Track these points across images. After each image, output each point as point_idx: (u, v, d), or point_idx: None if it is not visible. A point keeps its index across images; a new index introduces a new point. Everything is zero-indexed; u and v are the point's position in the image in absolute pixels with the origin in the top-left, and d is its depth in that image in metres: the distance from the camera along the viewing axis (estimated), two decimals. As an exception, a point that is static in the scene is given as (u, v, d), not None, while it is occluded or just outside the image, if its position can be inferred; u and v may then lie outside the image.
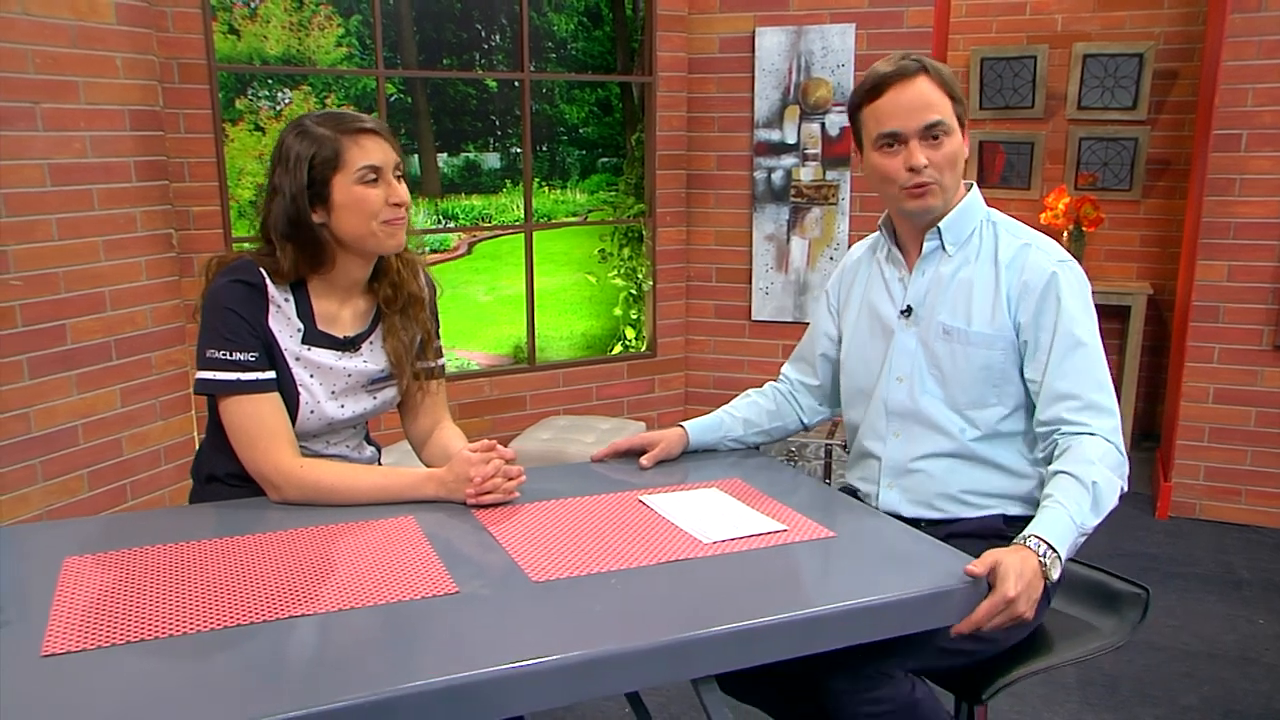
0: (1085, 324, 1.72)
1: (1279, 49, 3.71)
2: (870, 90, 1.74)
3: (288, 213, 1.77)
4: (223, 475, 1.87)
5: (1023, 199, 5.21)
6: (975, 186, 1.84)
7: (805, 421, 2.16)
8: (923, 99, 1.70)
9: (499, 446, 1.76)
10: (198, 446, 1.99)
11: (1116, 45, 4.93)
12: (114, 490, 3.36)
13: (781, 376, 2.20)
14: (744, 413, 2.12)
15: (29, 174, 3.01)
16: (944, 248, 1.81)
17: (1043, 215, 4.97)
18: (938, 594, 1.43)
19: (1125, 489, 1.64)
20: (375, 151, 1.78)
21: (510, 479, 1.75)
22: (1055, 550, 1.49)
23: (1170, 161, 4.97)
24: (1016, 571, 1.43)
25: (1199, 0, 4.75)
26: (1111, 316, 5.09)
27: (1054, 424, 1.70)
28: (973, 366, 1.77)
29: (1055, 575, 1.49)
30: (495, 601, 1.37)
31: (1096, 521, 1.57)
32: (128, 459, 3.40)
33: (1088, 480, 1.57)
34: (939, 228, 1.80)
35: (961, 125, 1.75)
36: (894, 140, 1.73)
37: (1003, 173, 5.28)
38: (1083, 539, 1.57)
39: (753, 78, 4.30)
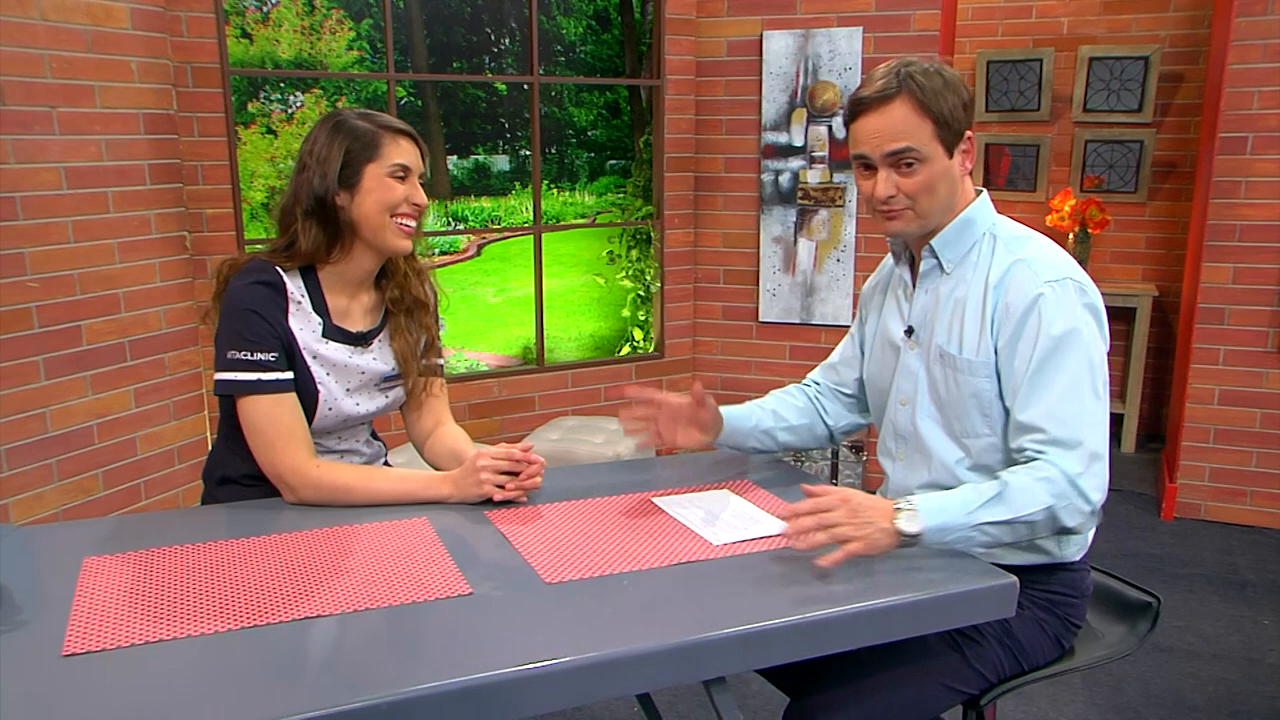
0: (1064, 349, 1.60)
1: (1285, 53, 3.73)
2: (850, 111, 1.71)
3: (315, 190, 1.83)
4: (238, 477, 1.91)
5: (1028, 201, 5.24)
6: (984, 195, 1.76)
7: (831, 426, 2.06)
8: (893, 127, 1.63)
9: (513, 449, 1.80)
10: (210, 448, 2.02)
11: (1122, 48, 4.95)
12: (128, 490, 3.39)
13: (808, 381, 2.11)
14: (772, 404, 2.03)
15: (45, 177, 3.05)
16: (941, 266, 1.75)
17: (1048, 217, 5.00)
18: (948, 596, 1.45)
19: (1070, 523, 1.56)
20: (409, 153, 1.87)
21: (532, 463, 1.79)
22: (917, 509, 1.51)
23: (1175, 164, 4.99)
24: (854, 500, 1.52)
25: (1204, 4, 4.77)
26: (1116, 318, 5.10)
27: (1021, 450, 1.63)
28: (964, 394, 1.70)
29: (906, 527, 1.50)
30: (509, 603, 1.40)
31: (1000, 515, 1.53)
32: (141, 459, 3.43)
33: (1002, 479, 1.56)
34: (932, 245, 1.74)
35: (949, 145, 1.66)
36: (866, 164, 1.69)
37: (1008, 175, 5.31)
38: (982, 536, 1.54)
39: (760, 81, 4.32)
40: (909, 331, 1.80)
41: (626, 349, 4.72)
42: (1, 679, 1.17)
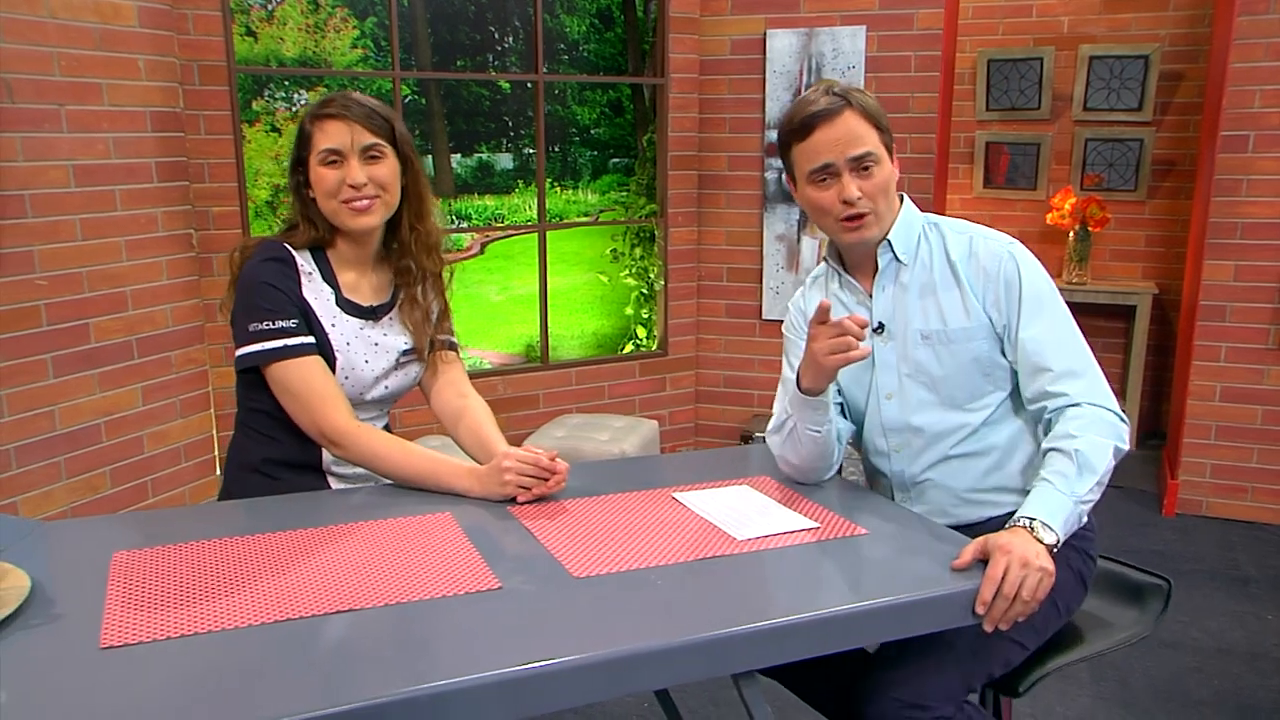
0: (1048, 295, 1.79)
1: (1286, 52, 3.75)
2: (800, 129, 1.79)
3: (291, 186, 1.93)
4: (257, 463, 1.92)
5: (1029, 199, 5.26)
6: (906, 197, 1.91)
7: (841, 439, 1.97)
8: (851, 133, 1.76)
9: (541, 454, 1.80)
10: (229, 442, 2.02)
11: (1122, 47, 4.97)
12: (136, 487, 3.39)
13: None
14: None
15: (54, 175, 3.05)
16: (897, 259, 1.87)
17: (1049, 216, 5.02)
18: (972, 590, 1.46)
19: (1124, 446, 1.67)
20: (335, 135, 1.86)
21: (556, 472, 1.79)
22: (1040, 520, 1.54)
23: (1175, 162, 5.01)
24: (1002, 543, 1.49)
25: (1204, 3, 4.80)
26: (1117, 316, 5.13)
27: (1039, 399, 1.75)
28: (962, 362, 1.81)
29: (1047, 538, 1.52)
30: (538, 597, 1.41)
31: (1091, 484, 1.60)
32: (149, 456, 3.43)
33: (1070, 449, 1.62)
34: (889, 240, 1.85)
35: (890, 152, 1.81)
36: (826, 174, 1.79)
37: (1007, 173, 5.32)
38: (1085, 505, 1.61)
39: (764, 79, 4.34)
40: (880, 328, 1.88)
41: (629, 347, 4.73)
42: (43, 671, 1.18)
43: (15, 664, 1.19)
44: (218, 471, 3.74)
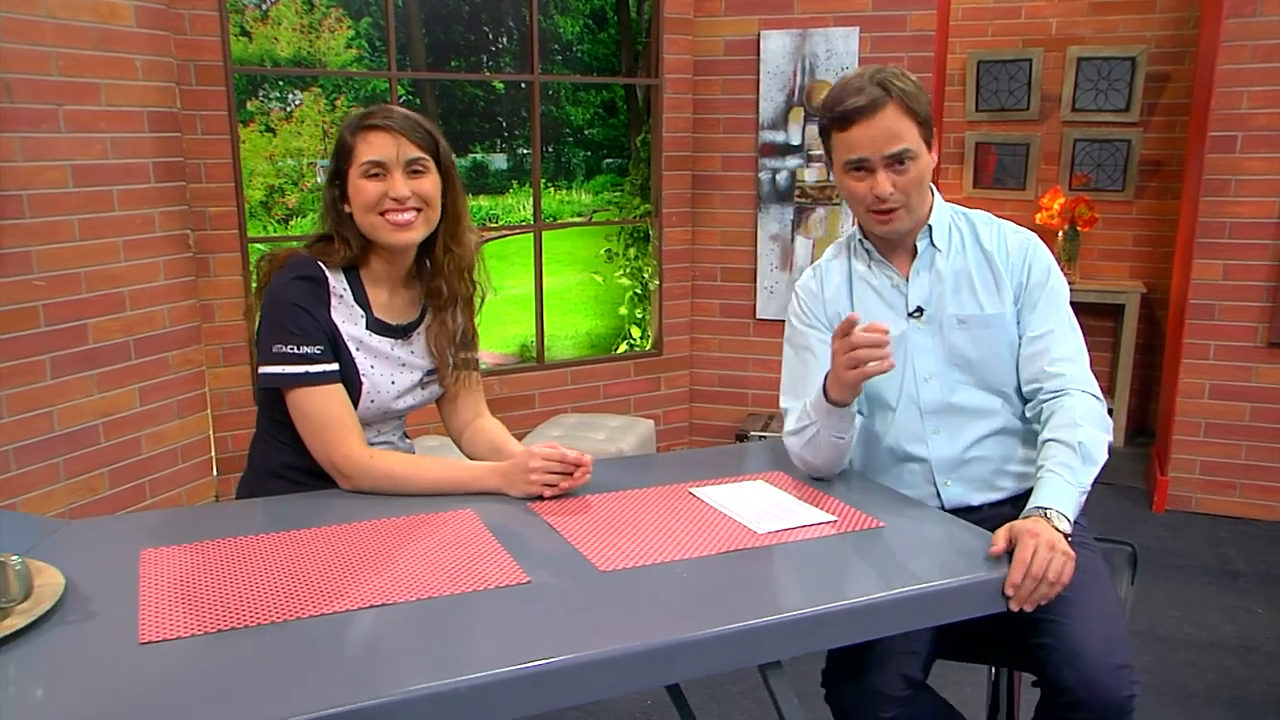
0: (1061, 290, 1.89)
1: (1274, 53, 3.80)
2: (839, 120, 1.80)
3: (327, 200, 1.89)
4: (280, 468, 1.91)
5: (1018, 200, 5.30)
6: (934, 187, 1.93)
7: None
8: (889, 130, 1.77)
9: (562, 447, 1.81)
10: (250, 444, 2.01)
11: (1110, 49, 5.02)
12: (134, 489, 3.38)
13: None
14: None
15: (52, 175, 3.04)
16: (934, 244, 1.91)
17: (1038, 215, 5.06)
18: (996, 579, 1.49)
19: (1111, 436, 1.76)
20: (379, 147, 1.82)
21: (580, 465, 1.80)
22: (1055, 509, 1.60)
23: (1162, 163, 5.07)
24: (1028, 528, 1.53)
25: (1191, 5, 4.85)
26: (1105, 315, 5.18)
27: (1036, 379, 1.83)
28: (998, 346, 1.87)
29: (1064, 527, 1.57)
30: (567, 590, 1.42)
31: (1093, 473, 1.69)
32: (147, 457, 3.42)
33: (1074, 441, 1.69)
34: (930, 225, 1.90)
35: (929, 143, 1.83)
36: (861, 167, 1.81)
37: (994, 173, 5.37)
38: (1085, 494, 1.68)
39: (757, 80, 4.36)
40: (918, 311, 1.91)
41: (624, 346, 4.74)
42: (85, 667, 1.19)
43: (56, 660, 1.20)
44: (215, 472, 3.73)
